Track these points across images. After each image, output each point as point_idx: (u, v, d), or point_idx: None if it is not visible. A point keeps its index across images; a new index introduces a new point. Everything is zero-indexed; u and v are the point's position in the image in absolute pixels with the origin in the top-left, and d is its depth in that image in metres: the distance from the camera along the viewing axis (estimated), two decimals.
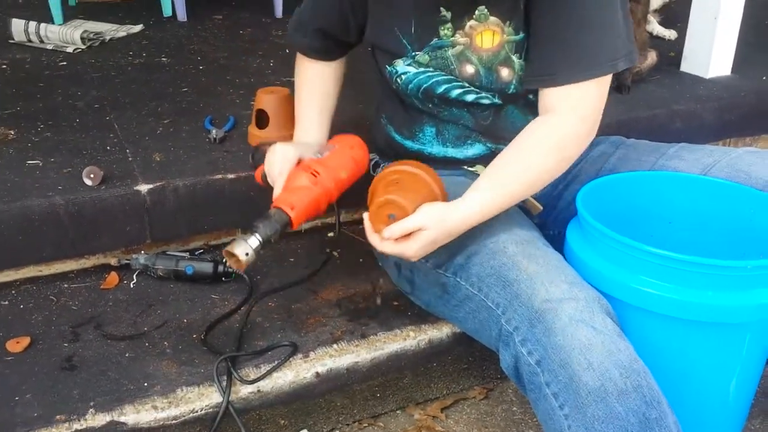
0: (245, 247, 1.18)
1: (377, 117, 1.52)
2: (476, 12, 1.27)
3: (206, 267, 1.48)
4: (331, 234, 1.73)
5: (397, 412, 1.44)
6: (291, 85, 2.09)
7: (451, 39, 1.29)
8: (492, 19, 1.27)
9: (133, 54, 2.50)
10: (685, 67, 2.33)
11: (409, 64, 1.32)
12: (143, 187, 1.52)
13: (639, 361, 1.03)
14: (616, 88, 2.09)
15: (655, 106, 2.03)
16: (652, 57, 2.17)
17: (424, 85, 1.33)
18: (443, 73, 1.31)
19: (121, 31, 2.78)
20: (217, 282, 1.49)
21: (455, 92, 1.32)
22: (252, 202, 1.62)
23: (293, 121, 1.75)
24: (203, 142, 1.75)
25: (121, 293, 1.48)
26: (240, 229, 1.63)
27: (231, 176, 1.59)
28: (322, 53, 1.49)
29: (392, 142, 1.46)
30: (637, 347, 1.05)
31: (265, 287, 1.49)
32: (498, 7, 1.26)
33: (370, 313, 1.43)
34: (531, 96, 1.33)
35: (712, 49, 2.22)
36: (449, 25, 1.29)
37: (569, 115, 1.20)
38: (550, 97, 1.22)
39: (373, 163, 1.58)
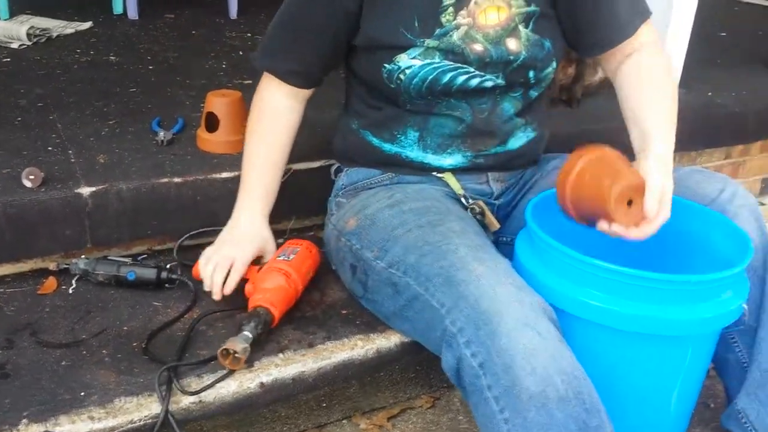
0: (243, 345, 1.22)
1: (346, 122, 1.49)
2: None
3: (149, 273, 1.44)
4: (280, 241, 1.70)
5: (343, 421, 1.42)
6: (243, 88, 2.06)
7: (454, 22, 1.28)
8: None
9: (81, 51, 2.44)
10: None
11: (414, 57, 1.29)
12: (85, 190, 1.48)
13: (580, 369, 1.04)
14: (566, 101, 2.11)
15: (604, 120, 2.05)
16: (602, 72, 2.20)
17: (429, 77, 1.30)
18: (450, 62, 1.30)
19: (69, 27, 2.71)
20: (160, 288, 1.45)
21: (460, 79, 1.31)
22: (198, 206, 1.59)
23: (243, 125, 1.72)
24: (150, 144, 1.71)
25: (59, 299, 1.43)
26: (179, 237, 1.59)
27: (177, 180, 1.56)
28: (302, 78, 1.41)
29: (366, 146, 1.44)
30: (581, 358, 1.06)
31: (208, 295, 1.45)
32: None
33: (317, 322, 1.41)
34: (532, 91, 1.37)
35: None
36: (450, 9, 1.28)
37: (657, 44, 1.40)
38: (633, 41, 1.36)
39: (335, 168, 1.56)
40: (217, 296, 1.36)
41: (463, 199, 1.39)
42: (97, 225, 1.50)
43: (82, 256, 1.50)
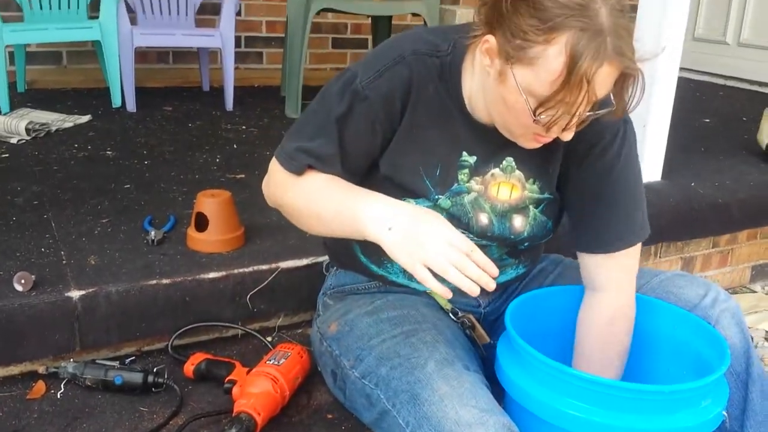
0: None
1: None
2: (503, 162, 1.27)
3: (136, 377, 1.45)
4: (269, 338, 1.72)
5: None
6: (235, 182, 2.11)
7: (467, 185, 1.27)
8: (516, 173, 1.28)
9: (78, 146, 2.51)
10: None
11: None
12: (75, 294, 1.50)
13: None
14: None
15: None
16: None
17: None
18: (453, 225, 1.21)
19: (68, 121, 2.79)
20: (147, 392, 1.46)
21: None
22: (186, 307, 1.61)
23: (234, 225, 1.77)
24: (141, 243, 1.74)
25: (47, 404, 1.43)
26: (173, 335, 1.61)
27: (166, 281, 1.58)
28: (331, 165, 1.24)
29: (355, 259, 1.41)
30: None
31: (195, 397, 1.46)
32: (526, 163, 1.28)
33: (303, 428, 1.41)
34: (521, 247, 1.37)
35: (642, 157, 2.29)
36: (466, 170, 1.27)
37: (632, 289, 1.35)
38: (613, 263, 1.32)
39: (326, 264, 1.58)
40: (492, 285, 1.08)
41: (451, 314, 1.39)
42: (86, 328, 1.52)
43: (71, 360, 1.51)
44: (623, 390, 1.11)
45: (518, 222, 1.31)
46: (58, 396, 1.46)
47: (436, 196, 1.27)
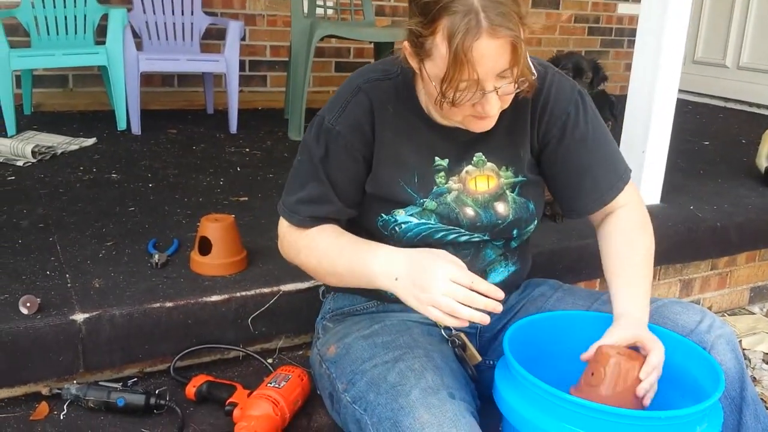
0: None
1: None
2: (474, 158, 1.36)
3: (138, 399, 1.46)
4: (270, 360, 1.74)
5: None
6: (239, 205, 2.14)
7: (446, 186, 1.35)
8: (488, 164, 1.37)
9: (84, 169, 2.54)
10: None
11: (412, 214, 1.34)
12: (79, 317, 1.52)
13: None
14: (551, 216, 2.18)
15: (586, 235, 2.10)
16: None
17: (423, 233, 1.36)
18: (444, 224, 1.36)
19: (74, 144, 2.82)
20: (149, 414, 1.47)
21: (451, 236, 1.37)
22: (189, 329, 1.63)
23: (236, 249, 1.79)
24: (144, 266, 1.77)
25: (51, 425, 1.45)
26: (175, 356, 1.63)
27: (169, 304, 1.60)
28: (333, 218, 1.36)
29: None
30: None
31: (197, 419, 1.48)
32: (496, 153, 1.37)
33: None
34: (513, 242, 1.43)
35: (640, 181, 2.34)
36: (442, 173, 1.35)
37: (637, 203, 1.45)
38: (613, 203, 1.42)
39: (322, 290, 1.60)
40: (499, 308, 1.17)
41: (443, 332, 1.41)
42: (90, 351, 1.54)
43: (74, 381, 1.53)
44: (620, 416, 1.12)
45: (501, 208, 1.38)
46: (61, 417, 1.47)
47: (422, 200, 1.35)
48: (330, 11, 3.99)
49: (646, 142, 2.30)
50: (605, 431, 1.13)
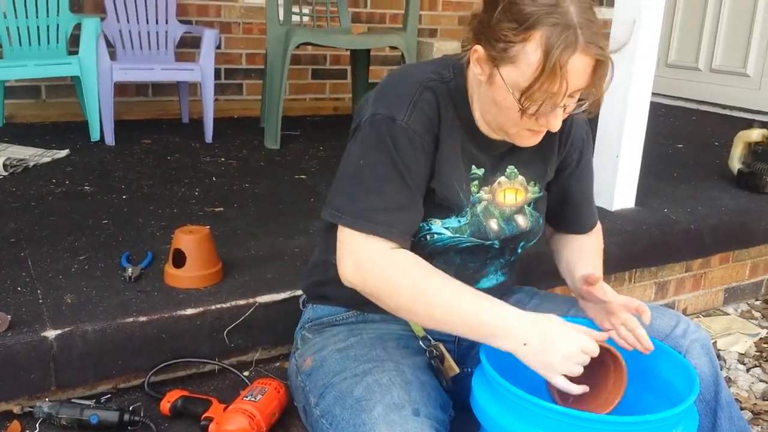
0: None
1: (327, 259, 1.43)
2: (507, 169, 1.39)
3: (111, 416, 1.44)
4: (246, 373, 1.72)
5: None
6: (214, 216, 2.13)
7: (477, 195, 1.37)
8: (519, 178, 1.40)
9: (56, 181, 2.51)
10: None
11: (447, 227, 1.34)
12: (51, 333, 1.50)
13: None
14: None
15: None
16: None
17: (451, 243, 1.36)
18: (475, 238, 1.37)
19: (46, 156, 2.79)
20: (123, 430, 1.45)
21: (469, 244, 1.38)
22: (163, 344, 1.61)
23: (211, 261, 1.78)
24: (118, 281, 1.75)
25: None
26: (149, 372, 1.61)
27: (143, 319, 1.59)
28: (406, 235, 1.28)
29: (343, 285, 1.37)
30: None
31: None
32: (527, 167, 1.40)
33: None
34: (513, 257, 1.48)
35: (615, 185, 2.36)
36: (476, 182, 1.36)
37: (598, 231, 1.60)
38: (586, 229, 1.56)
39: (302, 300, 1.58)
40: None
41: (422, 342, 1.41)
42: (62, 368, 1.51)
43: (47, 399, 1.50)
44: (597, 422, 1.13)
45: (521, 220, 1.42)
46: None
47: (466, 209, 1.35)
48: (306, 18, 3.99)
49: (620, 146, 2.32)
50: None
